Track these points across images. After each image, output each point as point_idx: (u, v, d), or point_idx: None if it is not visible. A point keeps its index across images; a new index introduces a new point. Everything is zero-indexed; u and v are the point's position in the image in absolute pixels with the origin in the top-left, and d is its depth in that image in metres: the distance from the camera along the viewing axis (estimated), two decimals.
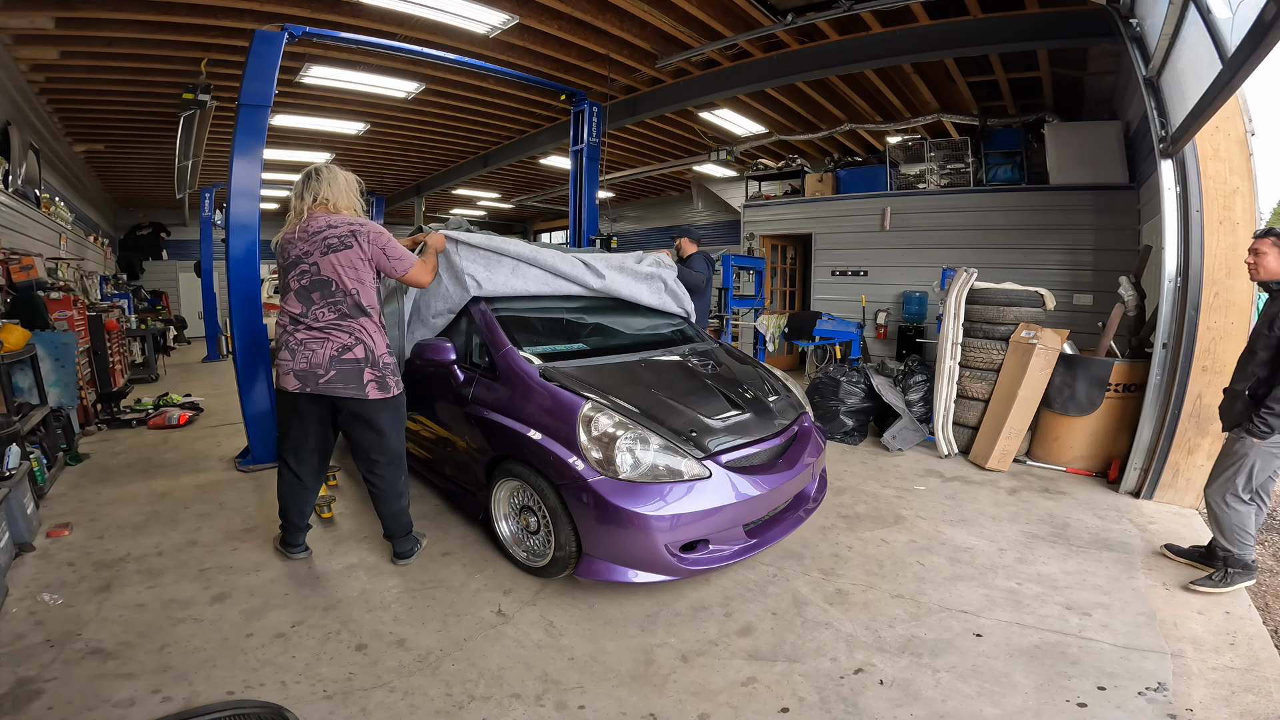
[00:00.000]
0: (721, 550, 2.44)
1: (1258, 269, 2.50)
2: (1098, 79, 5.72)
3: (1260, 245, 2.48)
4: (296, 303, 2.37)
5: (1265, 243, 2.46)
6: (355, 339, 2.38)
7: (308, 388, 2.36)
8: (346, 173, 2.52)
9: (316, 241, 2.34)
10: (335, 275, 2.34)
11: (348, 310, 2.37)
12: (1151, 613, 2.41)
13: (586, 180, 5.98)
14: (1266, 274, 2.47)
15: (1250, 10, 1.98)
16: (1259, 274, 2.50)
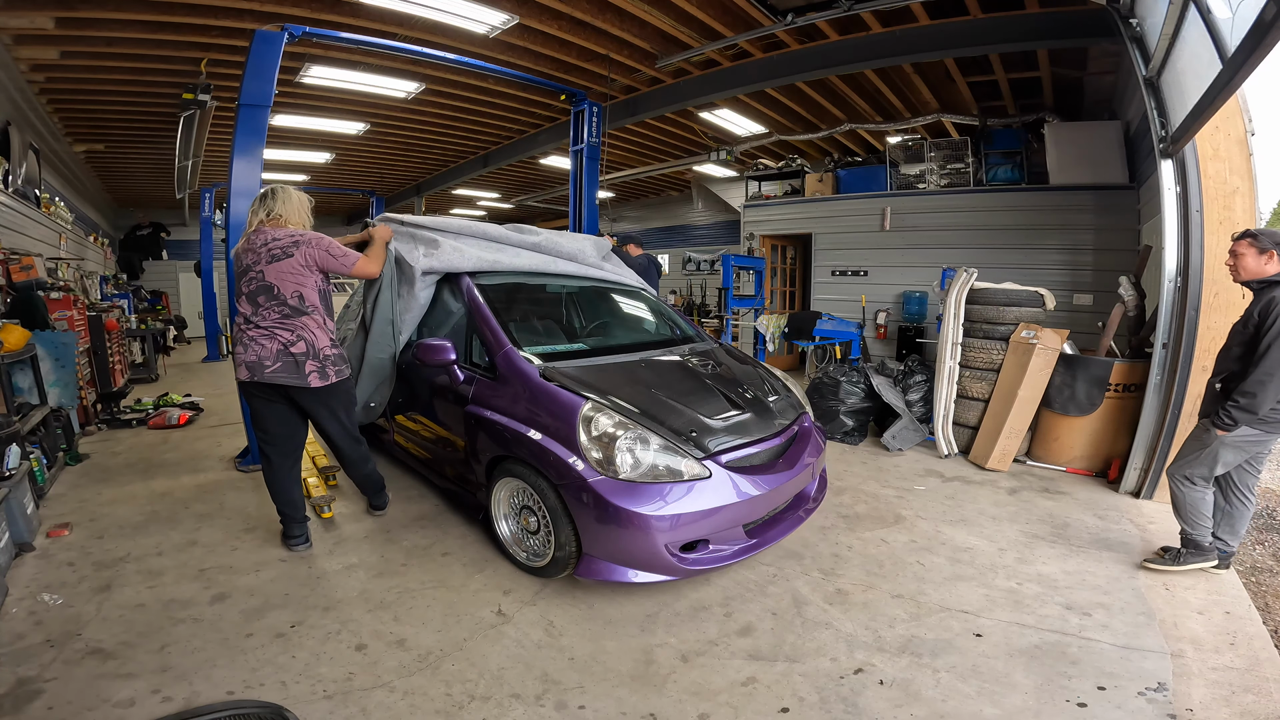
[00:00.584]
0: (721, 550, 2.44)
1: (1237, 270, 2.60)
2: (1098, 79, 5.72)
3: (1238, 247, 2.58)
4: (247, 305, 2.64)
5: (1242, 244, 2.56)
6: (297, 336, 2.63)
7: (255, 377, 2.61)
8: (300, 193, 2.79)
9: (262, 253, 2.61)
10: (277, 282, 2.60)
11: (289, 312, 2.62)
12: (1151, 613, 2.41)
13: (586, 180, 5.98)
14: (1246, 274, 2.57)
15: (1250, 10, 1.98)
16: (1239, 275, 2.59)
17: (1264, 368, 2.38)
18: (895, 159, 7.24)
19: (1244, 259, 2.55)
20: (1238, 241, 2.59)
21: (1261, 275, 2.52)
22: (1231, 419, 2.47)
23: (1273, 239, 2.49)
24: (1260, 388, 2.39)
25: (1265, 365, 2.38)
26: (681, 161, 9.18)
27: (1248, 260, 2.53)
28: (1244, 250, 2.55)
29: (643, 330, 3.85)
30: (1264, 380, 2.39)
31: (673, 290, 13.35)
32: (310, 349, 2.65)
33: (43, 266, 4.92)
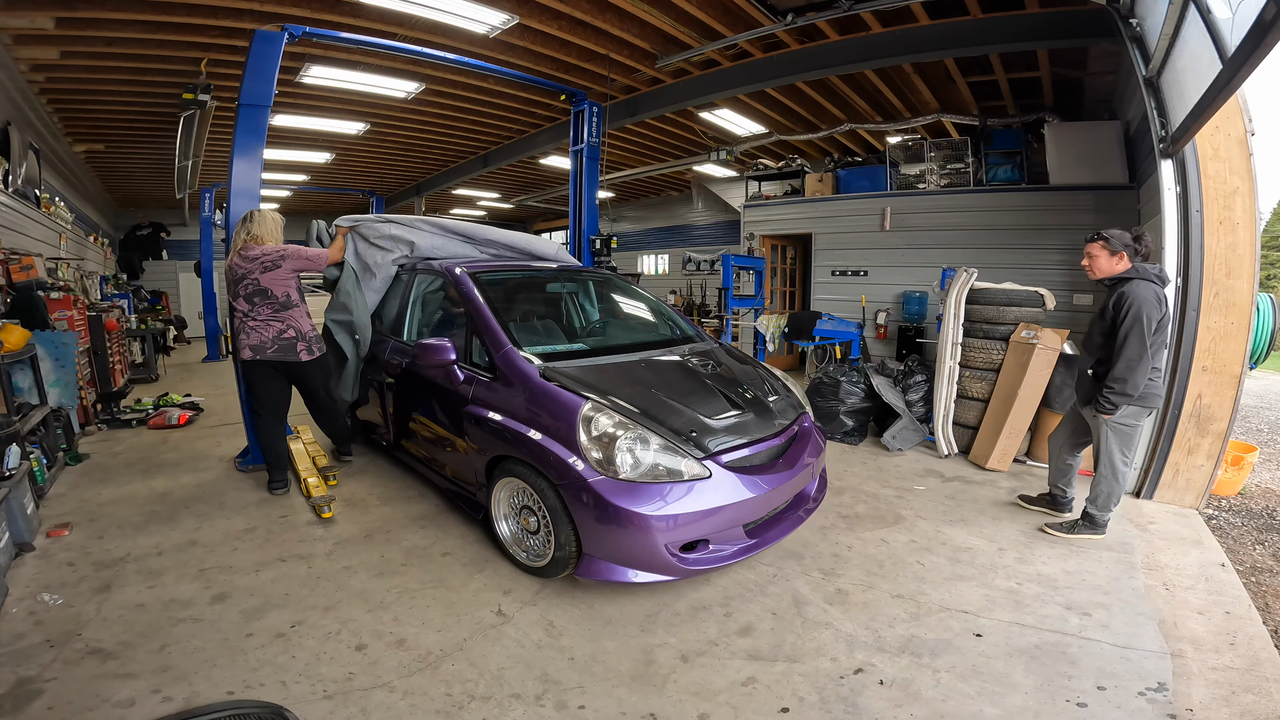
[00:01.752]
0: (721, 550, 2.44)
1: (1092, 270, 2.92)
2: (1098, 79, 5.72)
3: (1090, 249, 2.92)
4: (244, 304, 3.38)
5: (1095, 246, 2.89)
6: (288, 325, 3.44)
7: (258, 356, 3.39)
8: (274, 215, 3.60)
9: (256, 264, 3.37)
10: (270, 285, 3.39)
11: (279, 307, 3.42)
12: (1151, 613, 2.41)
13: (586, 180, 5.98)
14: (1100, 273, 2.90)
15: (1250, 10, 1.98)
16: (1093, 274, 2.92)
17: (1127, 355, 2.70)
18: (895, 159, 7.23)
19: (1097, 260, 2.88)
20: (1090, 244, 2.91)
21: (1112, 273, 2.86)
22: (1111, 404, 2.79)
23: (1122, 241, 2.81)
24: (1129, 372, 2.71)
25: (1127, 353, 2.70)
26: (681, 161, 9.18)
27: (1100, 261, 2.88)
28: (1096, 252, 2.88)
29: (643, 330, 3.85)
30: (1130, 365, 2.70)
31: (673, 290, 13.35)
32: (299, 334, 3.47)
33: (43, 266, 4.92)
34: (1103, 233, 2.86)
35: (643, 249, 14.84)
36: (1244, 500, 3.85)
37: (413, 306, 3.79)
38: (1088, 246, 2.93)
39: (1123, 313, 2.71)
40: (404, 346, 3.58)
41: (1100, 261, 2.88)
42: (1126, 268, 2.82)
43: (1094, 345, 2.94)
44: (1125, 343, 2.70)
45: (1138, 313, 2.67)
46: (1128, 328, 2.69)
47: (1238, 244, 3.30)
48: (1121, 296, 2.74)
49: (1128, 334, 2.69)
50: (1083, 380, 3.02)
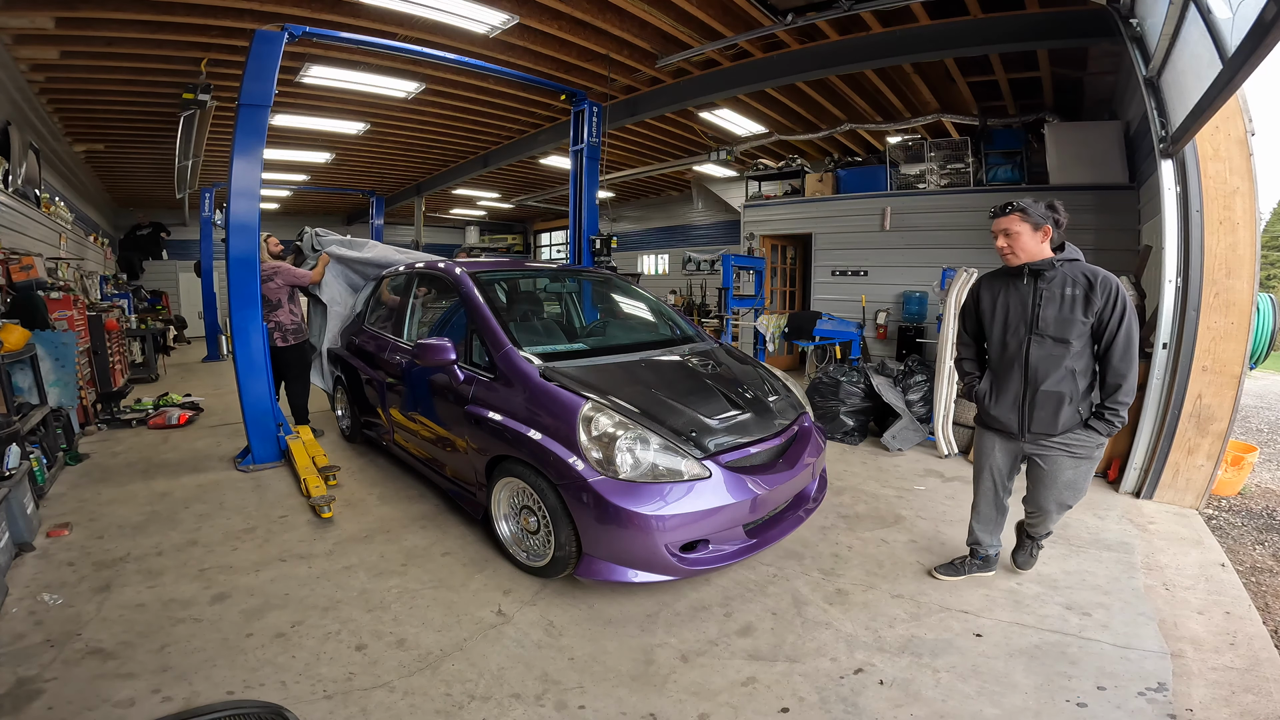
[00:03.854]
0: (721, 550, 2.44)
1: (1013, 252, 2.28)
2: (1098, 79, 5.72)
3: (1006, 225, 2.27)
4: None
5: (1012, 220, 2.25)
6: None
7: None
8: (266, 235, 4.50)
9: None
10: (265, 294, 4.38)
11: (269, 309, 4.48)
12: (1151, 613, 2.40)
13: (586, 180, 5.98)
14: (1025, 255, 2.27)
15: (1250, 10, 1.98)
16: (1015, 258, 2.29)
17: (1132, 357, 2.20)
18: (895, 159, 7.23)
19: (1019, 238, 2.26)
20: (1003, 217, 2.28)
21: (1039, 255, 2.26)
22: (1123, 420, 2.28)
23: (1039, 212, 2.24)
24: (1133, 378, 2.23)
25: (1132, 354, 2.20)
26: (681, 161, 9.18)
27: (1024, 239, 2.25)
28: (1017, 227, 2.25)
29: (642, 330, 3.85)
30: (1133, 370, 2.21)
31: (673, 290, 13.35)
32: (278, 326, 4.57)
33: (43, 266, 4.92)
34: (1017, 202, 2.26)
35: (643, 249, 14.84)
36: (1244, 500, 3.85)
37: (413, 306, 3.80)
38: (1001, 221, 2.28)
39: (1113, 307, 2.19)
40: (404, 346, 3.59)
41: (1024, 240, 2.25)
42: (1049, 248, 2.28)
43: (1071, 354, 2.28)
44: (1129, 343, 2.20)
45: (1128, 304, 2.21)
46: (1127, 325, 2.20)
47: (1238, 244, 3.30)
48: (1103, 285, 2.21)
49: (1129, 333, 2.20)
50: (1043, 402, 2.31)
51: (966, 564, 2.70)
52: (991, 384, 2.48)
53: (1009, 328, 2.37)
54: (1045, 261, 2.27)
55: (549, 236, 18.02)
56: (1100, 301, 2.20)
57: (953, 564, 2.72)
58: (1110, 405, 2.26)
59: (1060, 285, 2.25)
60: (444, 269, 3.55)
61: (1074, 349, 2.26)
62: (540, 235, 18.25)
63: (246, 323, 3.94)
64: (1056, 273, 2.26)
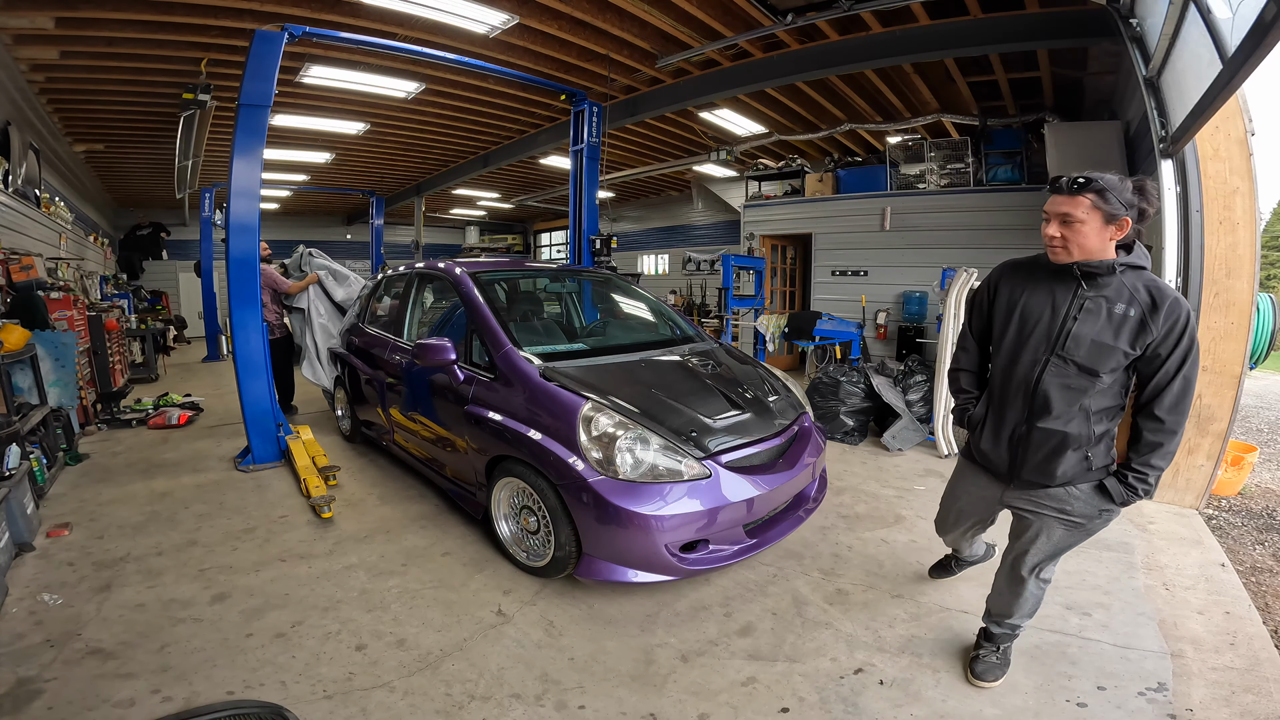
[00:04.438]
0: (721, 550, 2.44)
1: (1065, 248, 1.65)
2: (1098, 79, 5.71)
3: (1071, 208, 1.60)
4: None
5: (1079, 204, 1.59)
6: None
7: None
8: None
9: None
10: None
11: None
12: (1151, 613, 2.41)
13: (586, 180, 5.98)
14: (1083, 253, 1.64)
15: (1250, 10, 1.98)
16: (1069, 254, 1.65)
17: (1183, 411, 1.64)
18: (895, 159, 7.23)
19: (1081, 230, 1.61)
20: (1069, 197, 1.60)
21: (1103, 256, 1.63)
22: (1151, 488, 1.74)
23: (1123, 195, 1.58)
24: (1174, 446, 1.69)
25: (1184, 408, 1.64)
26: (681, 161, 9.18)
27: (1088, 232, 1.60)
28: (1083, 215, 1.59)
29: (643, 330, 3.85)
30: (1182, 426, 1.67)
31: (673, 290, 13.35)
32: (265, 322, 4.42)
33: (43, 266, 4.92)
34: (1099, 179, 1.58)
35: (643, 249, 14.84)
36: (1244, 500, 3.85)
37: (413, 306, 3.80)
38: (1063, 203, 1.62)
39: (1176, 341, 1.60)
40: (404, 346, 3.59)
41: (1088, 233, 1.60)
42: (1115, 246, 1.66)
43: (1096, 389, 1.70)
44: (1185, 392, 1.62)
45: (1194, 341, 1.62)
46: (1188, 369, 1.61)
47: (1238, 244, 3.30)
48: (1170, 311, 1.59)
49: (1188, 379, 1.62)
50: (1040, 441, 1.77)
51: (956, 563, 2.57)
52: (988, 410, 1.91)
53: (1025, 340, 1.76)
54: (1103, 264, 1.63)
55: (549, 236, 18.02)
56: (1160, 331, 1.59)
57: (943, 563, 2.61)
58: (1140, 469, 1.70)
59: (1113, 299, 1.64)
60: (444, 269, 3.55)
61: (1102, 384, 1.68)
62: (540, 235, 18.25)
63: (246, 322, 3.95)
64: (1113, 281, 1.64)
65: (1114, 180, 1.57)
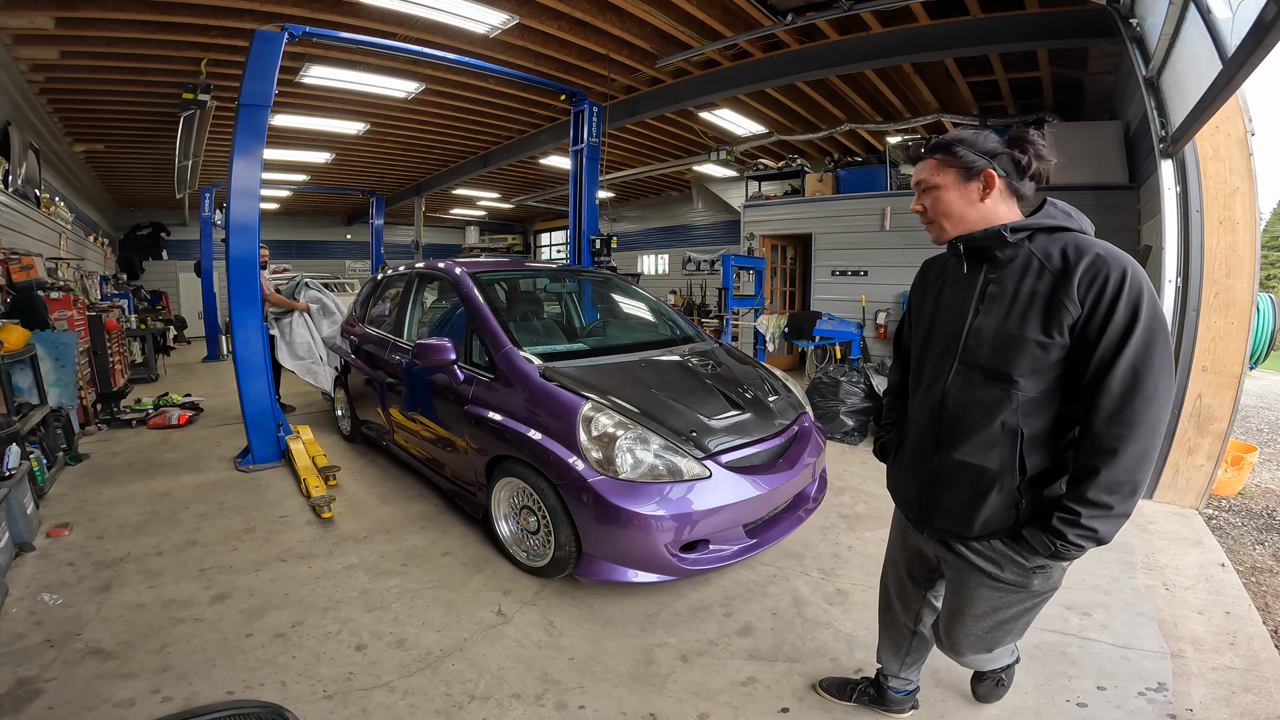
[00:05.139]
0: (721, 550, 2.44)
1: (932, 221, 1.37)
2: (1098, 79, 5.72)
3: (924, 176, 1.35)
4: None
5: (928, 169, 1.34)
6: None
7: None
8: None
9: None
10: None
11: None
12: (1151, 613, 2.40)
13: (586, 180, 5.98)
14: (953, 224, 1.34)
15: (1250, 10, 1.98)
16: (940, 230, 1.37)
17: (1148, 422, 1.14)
18: (895, 159, 7.23)
19: (940, 198, 1.33)
20: (922, 162, 1.36)
21: (983, 222, 1.30)
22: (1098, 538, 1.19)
23: (980, 146, 1.29)
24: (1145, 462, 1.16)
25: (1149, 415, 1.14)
26: (681, 161, 9.18)
27: (947, 198, 1.32)
28: (936, 179, 1.33)
29: (642, 330, 3.85)
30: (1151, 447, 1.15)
31: (673, 290, 13.36)
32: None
33: (43, 266, 4.92)
34: (944, 136, 1.33)
35: (643, 249, 14.85)
36: (1244, 500, 3.85)
37: (413, 307, 3.80)
38: (917, 172, 1.38)
39: (1107, 309, 1.16)
40: (404, 346, 3.59)
41: (948, 199, 1.32)
42: (1015, 210, 1.31)
43: (1016, 406, 1.27)
44: (1136, 384, 1.14)
45: (1140, 305, 1.15)
46: (1136, 348, 1.14)
47: (1238, 244, 3.30)
48: (1087, 272, 1.18)
49: (1139, 362, 1.14)
50: (952, 478, 1.36)
51: (857, 689, 1.86)
52: (901, 437, 1.59)
53: (929, 346, 1.44)
54: (988, 233, 1.28)
55: (549, 236, 18.03)
56: (1083, 303, 1.17)
57: (842, 681, 1.91)
58: (1071, 505, 1.19)
59: (1018, 275, 1.26)
60: (444, 269, 3.55)
61: (1021, 394, 1.25)
62: (540, 235, 18.25)
63: (246, 322, 3.95)
64: (1019, 253, 1.27)
65: (968, 133, 1.32)
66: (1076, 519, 1.19)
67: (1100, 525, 1.18)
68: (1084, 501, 1.18)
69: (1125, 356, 1.14)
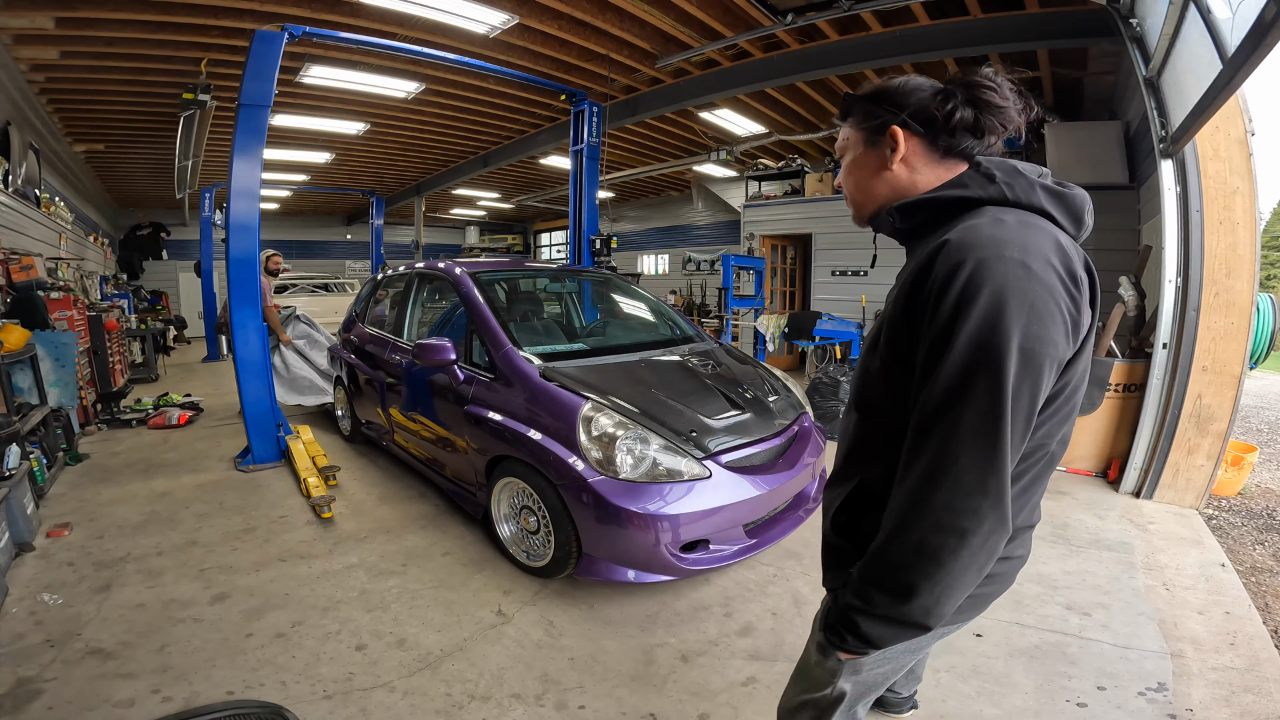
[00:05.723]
0: (721, 550, 2.44)
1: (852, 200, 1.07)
2: (1098, 79, 5.72)
3: (840, 145, 1.08)
4: None
5: (842, 134, 1.07)
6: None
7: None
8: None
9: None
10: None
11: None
12: (1151, 613, 2.40)
13: (586, 180, 5.98)
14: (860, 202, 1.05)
15: (1250, 10, 1.98)
16: (858, 212, 1.07)
17: (935, 476, 0.79)
18: None
19: (849, 167, 1.05)
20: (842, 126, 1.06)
21: (892, 196, 1.00)
22: (862, 640, 0.89)
23: (897, 97, 0.99)
24: (914, 563, 0.81)
25: (949, 480, 0.78)
26: (681, 161, 9.18)
27: (854, 167, 1.05)
28: (846, 145, 1.06)
29: (642, 330, 3.85)
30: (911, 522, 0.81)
31: (673, 290, 13.35)
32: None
33: (43, 266, 4.92)
34: (850, 93, 1.05)
35: (643, 249, 14.85)
36: (1244, 500, 3.85)
37: (413, 307, 3.80)
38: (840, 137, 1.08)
39: (934, 313, 0.80)
40: (404, 346, 3.59)
41: (852, 169, 1.05)
42: (938, 173, 0.99)
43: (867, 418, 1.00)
44: (924, 451, 0.80)
45: (992, 336, 0.75)
46: (954, 370, 0.77)
47: (1238, 244, 3.30)
48: (943, 259, 0.81)
49: (944, 422, 0.78)
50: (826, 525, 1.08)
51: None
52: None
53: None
54: (879, 216, 1.03)
55: (549, 236, 18.03)
56: (925, 306, 0.83)
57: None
58: (855, 580, 0.90)
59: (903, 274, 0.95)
60: (444, 269, 3.55)
61: (877, 432, 0.96)
62: (540, 235, 18.25)
63: (247, 322, 3.95)
64: (920, 248, 0.94)
65: (892, 82, 0.99)
66: (841, 594, 0.91)
67: (863, 624, 0.85)
68: (860, 578, 0.88)
69: (940, 379, 0.77)
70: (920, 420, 0.81)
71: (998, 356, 0.75)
